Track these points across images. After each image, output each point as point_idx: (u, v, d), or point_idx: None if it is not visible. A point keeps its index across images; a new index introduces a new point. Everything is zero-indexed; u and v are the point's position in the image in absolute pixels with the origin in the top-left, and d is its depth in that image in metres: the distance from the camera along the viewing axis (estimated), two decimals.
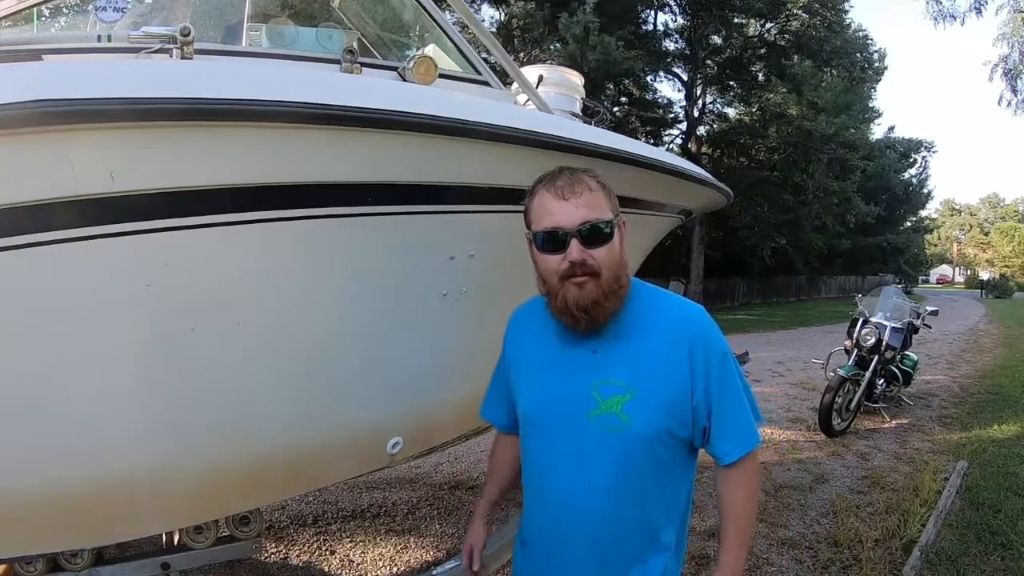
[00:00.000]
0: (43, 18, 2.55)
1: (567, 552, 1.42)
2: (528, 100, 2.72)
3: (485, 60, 2.65)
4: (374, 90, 1.85)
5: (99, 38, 1.90)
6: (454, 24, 2.80)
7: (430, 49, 2.54)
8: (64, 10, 2.94)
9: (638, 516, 1.40)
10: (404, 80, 2.25)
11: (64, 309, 1.51)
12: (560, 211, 1.34)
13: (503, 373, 1.63)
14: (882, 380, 6.74)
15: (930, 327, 8.05)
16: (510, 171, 2.11)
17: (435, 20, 2.51)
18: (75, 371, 1.57)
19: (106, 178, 1.44)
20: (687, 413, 1.38)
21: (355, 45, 2.19)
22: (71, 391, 1.58)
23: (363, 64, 2.20)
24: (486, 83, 2.55)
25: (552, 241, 1.35)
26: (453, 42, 2.53)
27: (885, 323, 6.58)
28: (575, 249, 1.32)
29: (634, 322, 1.41)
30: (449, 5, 2.52)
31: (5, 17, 1.96)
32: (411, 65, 2.22)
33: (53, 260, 1.46)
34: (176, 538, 2.35)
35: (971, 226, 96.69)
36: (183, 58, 1.81)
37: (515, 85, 2.78)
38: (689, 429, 1.40)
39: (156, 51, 1.85)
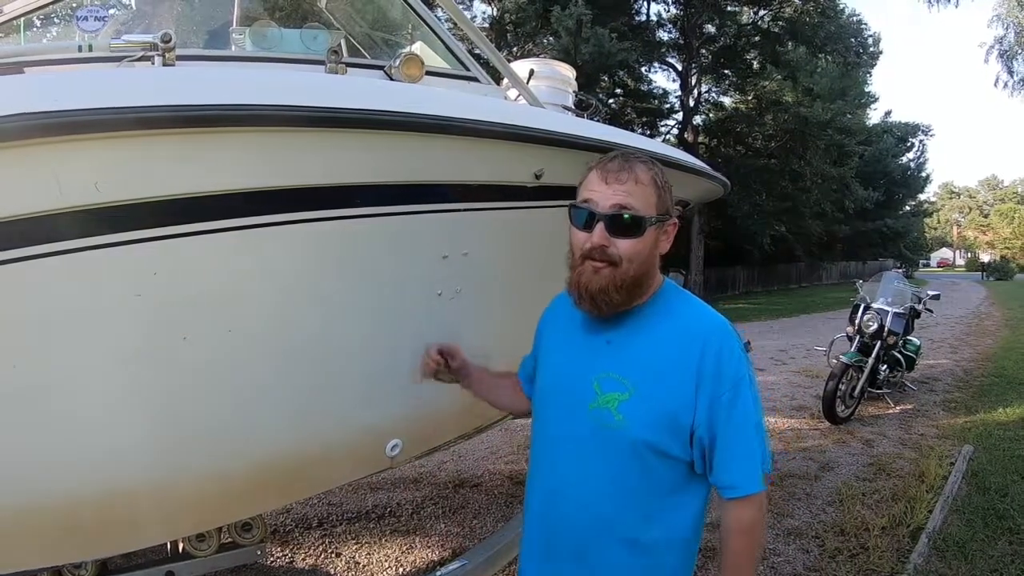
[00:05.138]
0: (35, 28, 2.53)
1: (555, 539, 1.42)
2: (519, 95, 2.70)
3: (477, 57, 2.62)
4: (358, 90, 1.82)
5: (80, 48, 1.89)
6: (444, 22, 2.78)
7: (417, 47, 2.52)
8: (56, 20, 2.93)
9: (627, 526, 1.36)
10: (391, 79, 2.23)
11: (55, 322, 1.50)
12: (599, 192, 1.33)
13: (534, 352, 1.64)
14: (885, 366, 6.72)
15: (932, 311, 8.03)
16: (501, 167, 2.09)
17: (421, 17, 2.49)
18: (70, 384, 1.55)
19: (91, 189, 1.43)
20: (685, 431, 1.31)
21: (340, 45, 2.17)
22: (66, 404, 1.56)
23: (349, 64, 2.18)
24: (475, 79, 2.53)
25: (581, 218, 1.35)
26: (440, 39, 2.51)
27: (887, 308, 6.58)
28: (598, 232, 1.31)
29: (653, 322, 1.38)
30: (437, 2, 2.50)
31: None
32: (398, 63, 2.19)
33: (41, 274, 1.44)
34: (180, 546, 2.35)
35: (970, 208, 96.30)
36: (165, 65, 1.79)
37: (506, 81, 2.76)
38: (687, 450, 1.33)
39: (138, 59, 1.84)
